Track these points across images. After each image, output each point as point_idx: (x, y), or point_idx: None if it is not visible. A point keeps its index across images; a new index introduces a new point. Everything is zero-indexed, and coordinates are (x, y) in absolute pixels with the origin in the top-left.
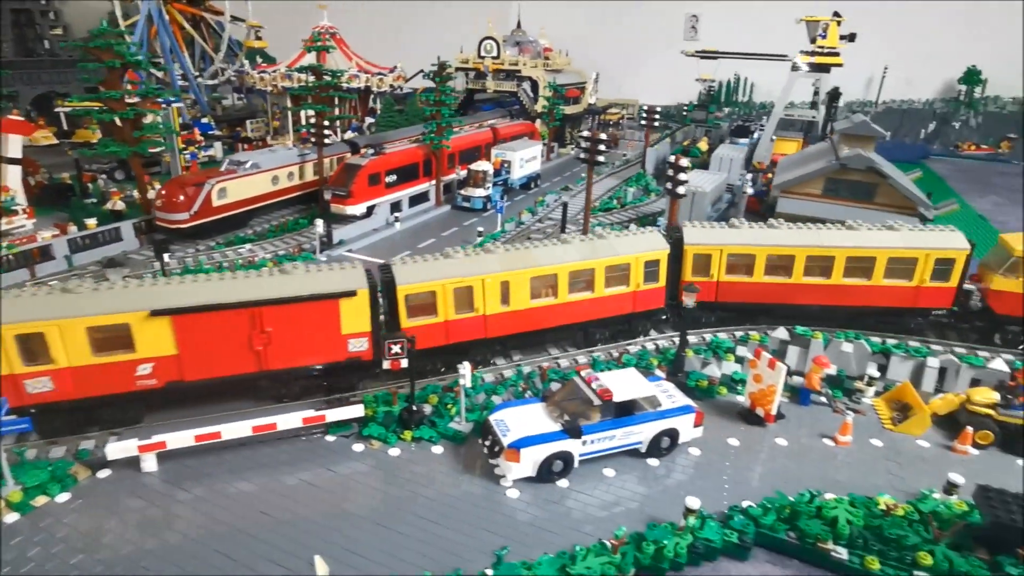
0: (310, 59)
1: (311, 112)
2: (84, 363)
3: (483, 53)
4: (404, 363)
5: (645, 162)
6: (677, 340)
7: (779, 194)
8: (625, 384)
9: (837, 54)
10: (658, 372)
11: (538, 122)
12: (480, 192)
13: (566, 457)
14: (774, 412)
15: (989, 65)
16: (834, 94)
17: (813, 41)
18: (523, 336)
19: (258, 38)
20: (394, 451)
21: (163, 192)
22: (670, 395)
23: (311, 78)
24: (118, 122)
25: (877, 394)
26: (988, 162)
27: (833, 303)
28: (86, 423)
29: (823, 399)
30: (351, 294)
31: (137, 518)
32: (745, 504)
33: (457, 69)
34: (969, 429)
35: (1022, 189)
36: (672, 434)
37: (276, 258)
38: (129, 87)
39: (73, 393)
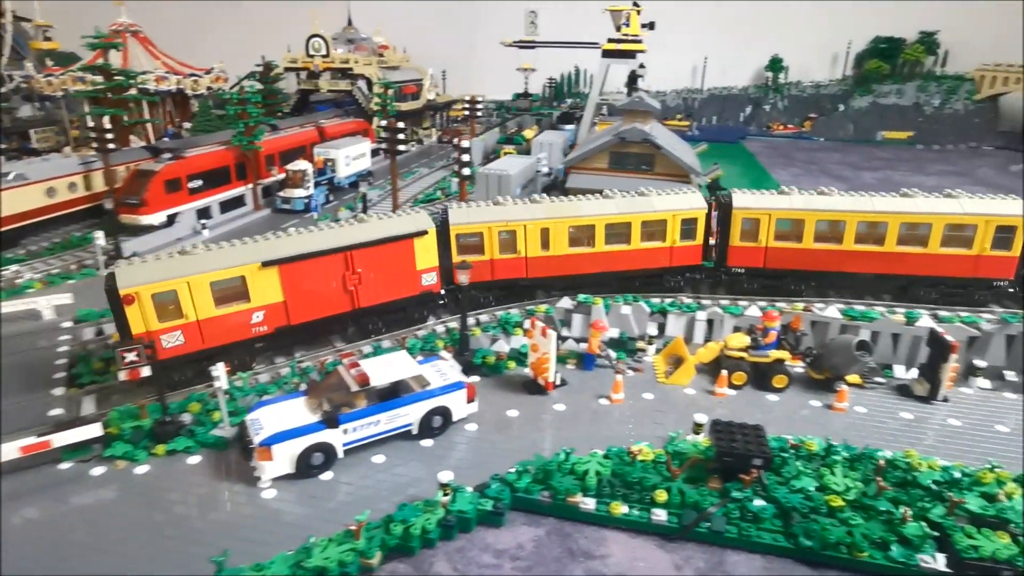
0: (111, 59)
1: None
2: (209, 316)
3: (311, 52)
4: (145, 371)
5: (472, 153)
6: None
7: (569, 170)
8: (387, 367)
9: (639, 41)
10: (444, 353)
11: (375, 120)
12: (300, 192)
13: (327, 448)
14: (552, 379)
15: (789, 54)
16: (632, 77)
17: (618, 29)
18: (562, 279)
19: (47, 39)
20: (142, 469)
21: None
22: (443, 374)
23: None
24: None
25: (658, 351)
26: (794, 139)
27: (887, 271)
28: (207, 374)
29: (606, 362)
30: (423, 233)
31: None
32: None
33: (286, 69)
34: (724, 372)
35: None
36: (444, 412)
37: (48, 278)
38: None
39: (201, 344)
